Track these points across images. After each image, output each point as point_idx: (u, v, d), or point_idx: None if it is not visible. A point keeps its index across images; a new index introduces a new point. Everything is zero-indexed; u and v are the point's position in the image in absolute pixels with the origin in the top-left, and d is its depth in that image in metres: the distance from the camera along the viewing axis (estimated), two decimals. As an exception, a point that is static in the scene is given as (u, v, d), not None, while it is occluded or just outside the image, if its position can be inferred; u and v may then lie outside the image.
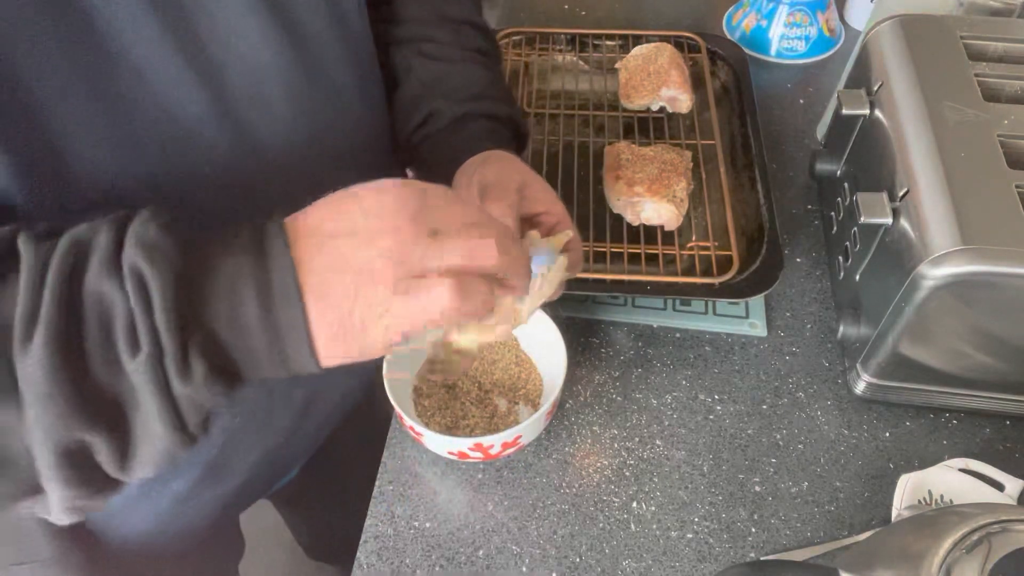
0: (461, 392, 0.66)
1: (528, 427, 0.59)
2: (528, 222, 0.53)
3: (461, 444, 0.58)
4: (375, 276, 0.36)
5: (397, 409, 0.60)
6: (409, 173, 0.70)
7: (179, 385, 0.34)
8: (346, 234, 0.36)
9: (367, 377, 0.77)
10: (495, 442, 0.58)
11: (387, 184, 0.38)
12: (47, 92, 0.40)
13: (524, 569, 0.59)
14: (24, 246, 0.35)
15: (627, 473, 0.63)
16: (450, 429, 0.64)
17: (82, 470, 0.35)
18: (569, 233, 0.52)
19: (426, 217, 0.37)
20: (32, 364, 0.33)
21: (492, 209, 0.49)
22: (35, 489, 0.36)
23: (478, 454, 0.60)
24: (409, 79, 0.64)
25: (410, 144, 0.64)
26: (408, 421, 0.59)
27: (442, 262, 0.36)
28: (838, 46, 1.02)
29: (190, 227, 0.37)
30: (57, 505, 0.37)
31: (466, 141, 0.60)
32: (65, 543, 0.59)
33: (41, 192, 0.41)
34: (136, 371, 0.34)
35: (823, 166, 0.78)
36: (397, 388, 0.61)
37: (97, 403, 0.34)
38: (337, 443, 0.81)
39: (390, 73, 0.65)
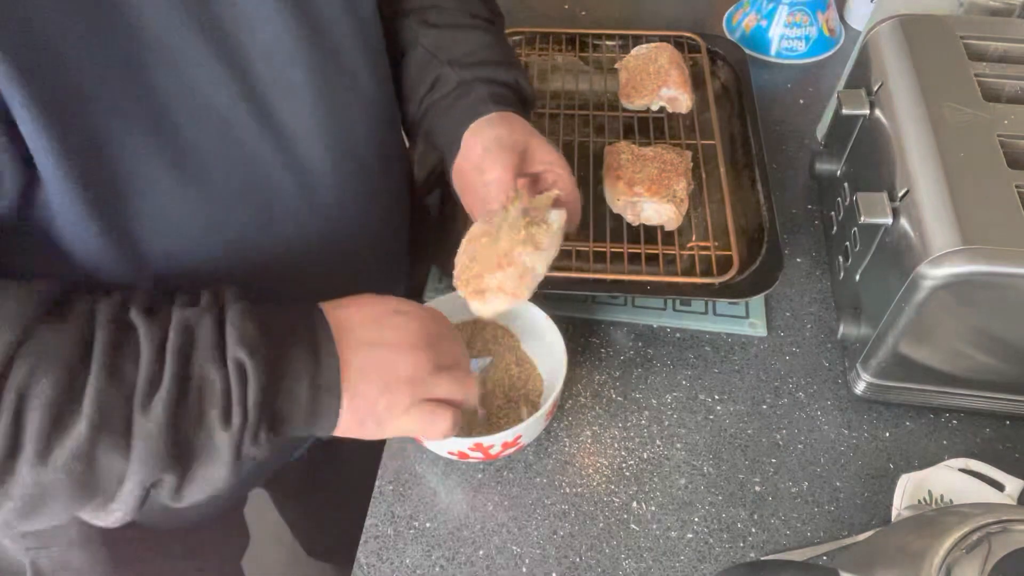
0: (461, 392, 0.66)
1: (528, 427, 0.59)
2: (532, 179, 0.60)
3: (461, 444, 0.58)
4: (399, 389, 0.48)
5: (397, 409, 0.60)
6: (406, 142, 0.71)
7: (250, 448, 0.44)
8: (380, 345, 0.48)
9: None
10: (495, 442, 0.58)
11: (412, 309, 0.51)
12: (87, 83, 0.42)
13: (524, 569, 0.59)
14: (138, 320, 0.43)
15: (627, 473, 0.63)
16: (450, 429, 0.64)
17: (144, 498, 0.44)
18: (554, 192, 0.58)
19: (436, 350, 0.50)
20: (151, 423, 0.41)
21: (492, 171, 0.57)
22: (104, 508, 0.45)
23: (478, 454, 0.60)
24: (415, 48, 0.65)
25: (419, 111, 0.66)
26: (408, 421, 0.59)
27: (438, 391, 0.50)
28: (838, 46, 1.02)
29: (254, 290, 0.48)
30: (109, 517, 0.46)
31: (471, 105, 0.61)
32: (85, 528, 0.62)
33: (83, 183, 0.43)
34: (224, 438, 0.43)
35: (823, 166, 0.78)
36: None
37: (182, 453, 0.43)
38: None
39: (396, 46, 0.66)
